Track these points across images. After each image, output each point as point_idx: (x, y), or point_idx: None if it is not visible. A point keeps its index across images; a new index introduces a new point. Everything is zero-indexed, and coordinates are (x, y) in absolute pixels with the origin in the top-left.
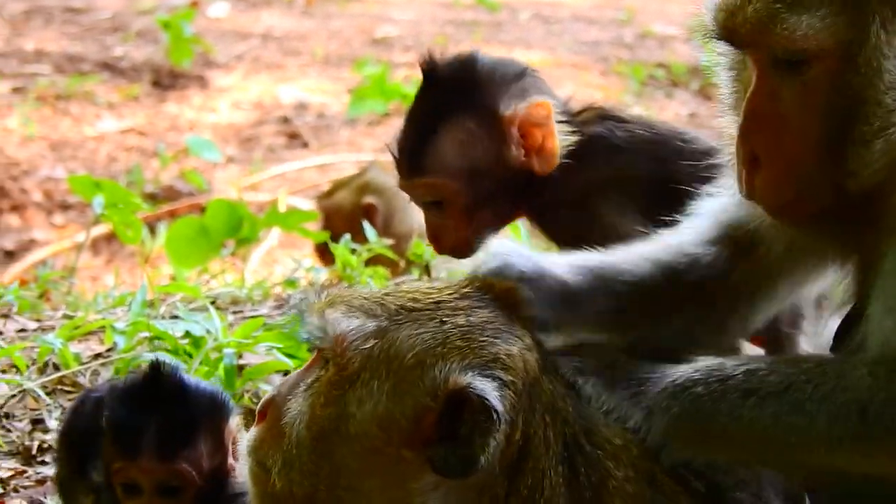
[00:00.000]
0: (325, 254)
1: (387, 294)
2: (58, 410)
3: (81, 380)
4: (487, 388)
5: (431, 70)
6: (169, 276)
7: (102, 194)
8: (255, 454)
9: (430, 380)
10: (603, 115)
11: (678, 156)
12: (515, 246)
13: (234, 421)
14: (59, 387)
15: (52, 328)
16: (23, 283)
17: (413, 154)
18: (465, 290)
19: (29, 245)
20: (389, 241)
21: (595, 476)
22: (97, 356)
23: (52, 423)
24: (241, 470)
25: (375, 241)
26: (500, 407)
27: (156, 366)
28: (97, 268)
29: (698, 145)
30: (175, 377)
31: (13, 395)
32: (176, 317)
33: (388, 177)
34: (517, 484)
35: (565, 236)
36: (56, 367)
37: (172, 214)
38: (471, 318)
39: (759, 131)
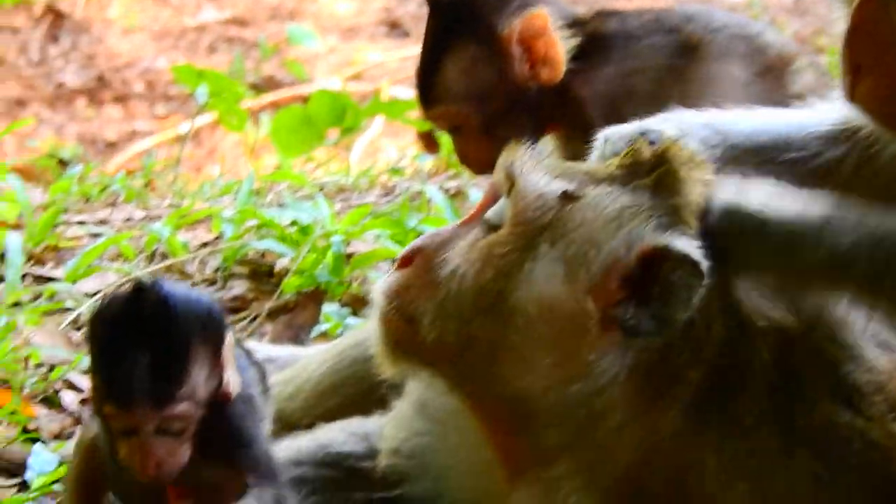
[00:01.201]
0: (429, 142)
1: (579, 163)
2: None
3: (189, 268)
4: (690, 246)
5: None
6: (271, 166)
7: (206, 83)
8: (395, 300)
9: (626, 234)
10: (609, 13)
11: (687, 21)
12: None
13: (230, 336)
14: (167, 275)
15: (159, 217)
16: (129, 172)
17: (424, 86)
18: (642, 160)
19: (131, 136)
20: None
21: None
22: (204, 245)
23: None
24: (371, 314)
25: None
26: (705, 263)
27: (140, 289)
28: (199, 158)
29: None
30: (163, 301)
31: (121, 284)
32: (283, 205)
33: None
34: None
35: None
36: (164, 256)
37: (274, 105)
38: (658, 185)
39: (863, 42)
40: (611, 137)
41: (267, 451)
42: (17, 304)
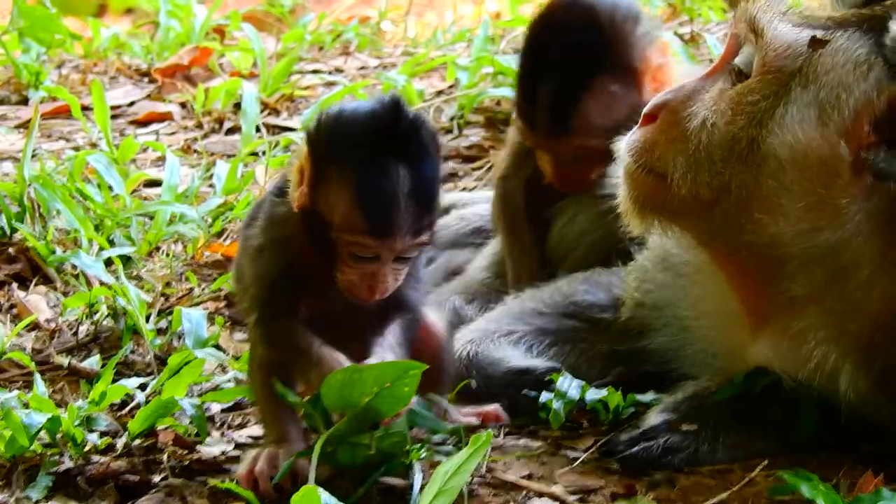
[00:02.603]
0: None
1: (828, 12)
2: None
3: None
4: None
5: (539, 28)
6: (490, 14)
7: None
8: (643, 157)
9: (875, 77)
10: None
11: None
12: None
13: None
14: None
15: (394, 65)
16: (363, 20)
17: (556, 116)
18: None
19: None
20: None
21: None
22: (439, 93)
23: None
24: (615, 173)
25: None
26: None
27: (395, 105)
28: (420, 6)
29: None
30: (417, 122)
31: None
32: (518, 51)
33: None
34: None
35: None
36: None
37: None
38: None
39: None
40: None
41: (423, 288)
42: (253, 154)
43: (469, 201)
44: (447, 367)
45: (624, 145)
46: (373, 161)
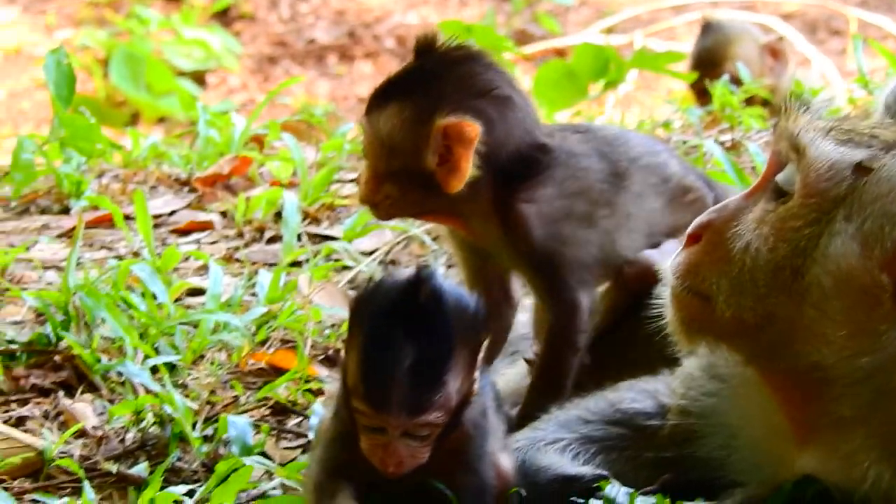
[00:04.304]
0: (701, 93)
1: (875, 126)
2: (444, 256)
3: None
4: None
5: (422, 50)
6: None
7: (474, 38)
8: (688, 279)
9: None
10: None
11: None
12: None
13: (486, 339)
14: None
15: None
16: None
17: (374, 101)
18: None
19: None
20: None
21: None
22: None
23: (439, 269)
24: (662, 294)
25: (753, 81)
26: None
27: (416, 282)
28: None
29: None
30: (437, 300)
31: (398, 242)
32: None
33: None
34: None
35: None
36: None
37: (527, 58)
38: None
39: None
40: None
41: (485, 477)
42: (295, 263)
43: None
44: None
45: (669, 267)
46: (380, 330)
